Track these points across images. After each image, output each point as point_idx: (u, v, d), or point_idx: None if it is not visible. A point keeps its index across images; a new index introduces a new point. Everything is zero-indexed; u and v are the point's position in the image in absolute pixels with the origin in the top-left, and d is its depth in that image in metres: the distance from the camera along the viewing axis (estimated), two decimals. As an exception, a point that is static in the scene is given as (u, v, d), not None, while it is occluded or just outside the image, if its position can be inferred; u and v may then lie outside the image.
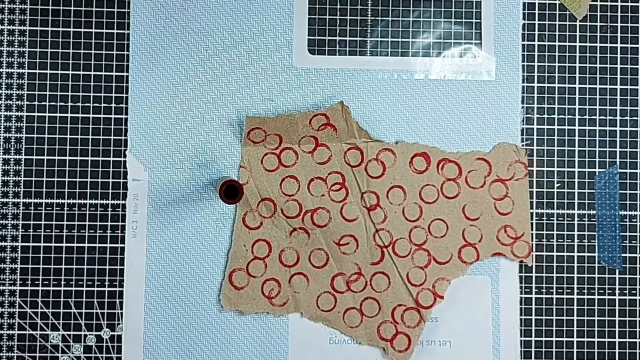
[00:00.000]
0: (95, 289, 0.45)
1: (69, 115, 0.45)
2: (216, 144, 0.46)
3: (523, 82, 0.47)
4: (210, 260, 0.45)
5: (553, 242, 0.46)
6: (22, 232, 0.45)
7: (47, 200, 0.45)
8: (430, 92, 0.46)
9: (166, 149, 0.45)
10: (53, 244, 0.45)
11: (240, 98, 0.46)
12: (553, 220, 0.46)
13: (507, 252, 0.46)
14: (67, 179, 0.45)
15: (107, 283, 0.45)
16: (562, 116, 0.47)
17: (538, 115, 0.47)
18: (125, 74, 0.46)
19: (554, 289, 0.46)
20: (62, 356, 0.45)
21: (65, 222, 0.45)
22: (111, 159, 0.45)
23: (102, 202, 0.45)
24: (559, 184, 0.47)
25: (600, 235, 0.46)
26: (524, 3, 0.47)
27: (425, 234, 0.46)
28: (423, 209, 0.46)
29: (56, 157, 0.45)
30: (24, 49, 0.45)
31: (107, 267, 0.45)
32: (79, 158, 0.45)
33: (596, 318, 0.46)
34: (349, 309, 0.45)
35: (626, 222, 0.47)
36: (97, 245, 0.45)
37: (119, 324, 0.45)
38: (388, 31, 0.47)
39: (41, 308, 0.45)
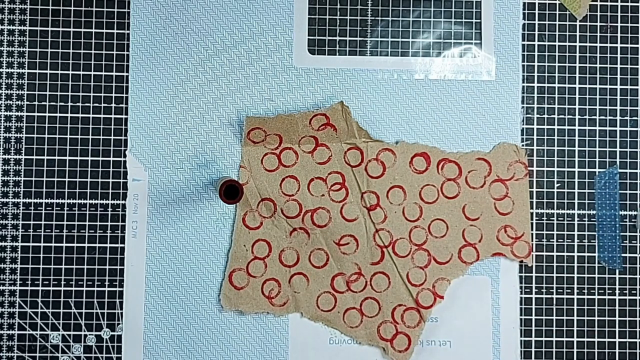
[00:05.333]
0: (95, 289, 0.45)
1: (69, 115, 0.45)
2: (216, 144, 0.46)
3: (523, 82, 0.47)
4: (210, 260, 0.45)
5: (553, 242, 0.46)
6: (22, 232, 0.45)
7: (47, 200, 0.45)
8: (430, 92, 0.46)
9: (166, 149, 0.45)
10: (53, 244, 0.45)
11: (240, 98, 0.46)
12: (553, 220, 0.46)
13: (507, 252, 0.46)
14: (67, 179, 0.45)
15: (107, 283, 0.45)
16: (562, 116, 0.47)
17: (538, 115, 0.47)
18: (125, 74, 0.46)
19: (554, 289, 0.46)
20: (62, 356, 0.45)
21: (65, 222, 0.45)
22: (111, 159, 0.45)
23: (102, 202, 0.45)
24: (559, 184, 0.47)
25: (600, 235, 0.46)
26: (524, 3, 0.47)
27: (425, 234, 0.46)
28: (423, 209, 0.46)
29: (56, 157, 0.45)
30: (24, 49, 0.45)
31: (107, 267, 0.45)
32: (79, 158, 0.45)
33: (596, 318, 0.46)
34: (349, 309, 0.45)
35: (626, 222, 0.47)
36: (97, 245, 0.45)
37: (119, 324, 0.45)
38: (388, 31, 0.47)
39: (41, 308, 0.45)
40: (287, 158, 0.45)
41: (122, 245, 0.45)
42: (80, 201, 0.45)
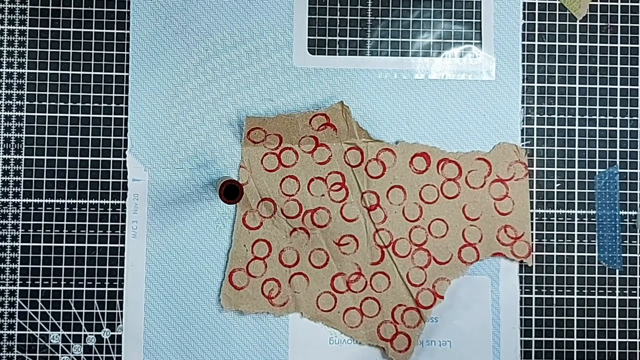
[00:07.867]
0: (95, 289, 0.45)
1: (69, 115, 0.45)
2: (216, 144, 0.46)
3: (523, 82, 0.47)
4: (210, 260, 0.45)
5: (553, 242, 0.46)
6: (22, 232, 0.45)
7: (47, 200, 0.45)
8: (430, 92, 0.46)
9: (166, 149, 0.45)
10: (53, 244, 0.45)
11: (240, 98, 0.46)
12: (553, 220, 0.46)
13: (507, 252, 0.46)
14: (67, 179, 0.45)
15: (107, 283, 0.45)
16: (562, 116, 0.47)
17: (538, 115, 0.47)
18: (125, 74, 0.46)
19: (554, 289, 0.46)
20: (62, 356, 0.45)
21: (65, 222, 0.45)
22: (111, 159, 0.45)
23: (102, 202, 0.45)
24: (559, 184, 0.47)
25: (600, 235, 0.46)
26: (524, 3, 0.47)
27: (425, 234, 0.46)
28: (423, 209, 0.46)
29: (56, 157, 0.45)
30: (24, 49, 0.45)
31: (107, 267, 0.45)
32: (79, 158, 0.45)
33: (596, 318, 0.46)
34: (349, 309, 0.45)
35: (626, 222, 0.47)
36: (97, 245, 0.45)
37: (119, 324, 0.45)
38: (388, 31, 0.47)
39: (41, 308, 0.45)
40: (287, 158, 0.45)
41: (122, 245, 0.45)
42: (80, 201, 0.45)
